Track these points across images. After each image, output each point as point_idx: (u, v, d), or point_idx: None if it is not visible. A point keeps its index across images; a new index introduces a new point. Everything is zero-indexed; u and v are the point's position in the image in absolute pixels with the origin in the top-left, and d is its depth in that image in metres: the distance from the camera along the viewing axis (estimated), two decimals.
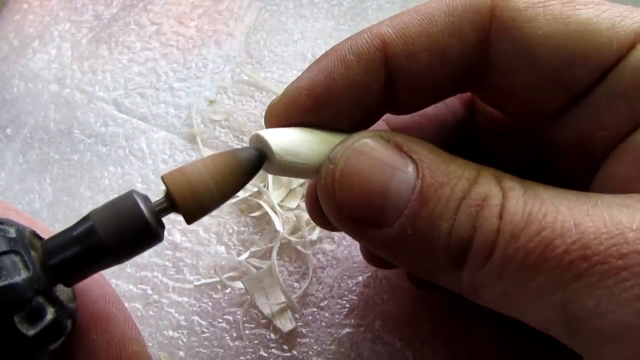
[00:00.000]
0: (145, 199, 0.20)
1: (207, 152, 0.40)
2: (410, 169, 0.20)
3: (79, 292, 0.22)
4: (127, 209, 0.19)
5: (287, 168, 0.22)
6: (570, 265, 0.17)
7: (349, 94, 0.22)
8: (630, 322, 0.17)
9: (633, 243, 0.17)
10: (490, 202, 0.19)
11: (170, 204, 0.20)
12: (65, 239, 0.20)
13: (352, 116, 0.23)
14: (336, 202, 0.21)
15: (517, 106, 0.23)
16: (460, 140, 0.28)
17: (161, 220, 0.20)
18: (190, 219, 0.20)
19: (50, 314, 0.19)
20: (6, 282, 0.18)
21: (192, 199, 0.20)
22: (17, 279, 0.18)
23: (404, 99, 0.23)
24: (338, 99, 0.22)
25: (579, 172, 0.23)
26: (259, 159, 0.21)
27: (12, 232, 0.19)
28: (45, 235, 0.21)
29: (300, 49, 0.45)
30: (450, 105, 0.28)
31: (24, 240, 0.19)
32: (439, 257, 0.20)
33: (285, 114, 0.23)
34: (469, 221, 0.19)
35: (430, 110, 0.27)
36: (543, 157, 0.26)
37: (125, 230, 0.19)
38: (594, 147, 0.22)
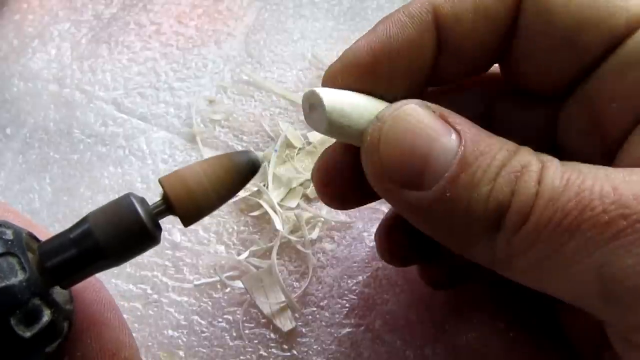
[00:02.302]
0: (143, 201, 0.20)
1: (207, 152, 0.40)
2: (454, 137, 0.20)
3: (74, 295, 0.22)
4: (124, 211, 0.19)
5: (335, 127, 0.22)
6: (609, 224, 0.18)
7: (405, 53, 0.23)
8: None
9: None
10: (530, 169, 0.19)
11: (168, 206, 0.20)
12: (62, 241, 0.20)
13: (402, 82, 0.24)
14: (379, 159, 0.21)
15: (535, 75, 0.24)
16: None
17: (158, 223, 0.20)
18: (187, 221, 0.21)
19: (46, 316, 0.19)
20: (2, 284, 0.18)
21: (189, 202, 0.20)
22: (14, 280, 0.18)
23: (451, 65, 0.24)
24: (395, 57, 0.23)
25: (596, 158, 0.24)
26: (256, 162, 0.22)
27: (9, 234, 0.19)
28: (44, 238, 0.21)
29: (300, 48, 0.45)
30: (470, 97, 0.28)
31: (20, 242, 0.19)
32: (475, 222, 0.20)
33: (344, 72, 0.24)
34: (508, 186, 0.19)
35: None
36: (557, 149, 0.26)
37: (122, 233, 0.19)
38: (609, 125, 0.22)
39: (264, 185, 0.37)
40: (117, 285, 0.34)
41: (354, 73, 0.23)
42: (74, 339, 0.22)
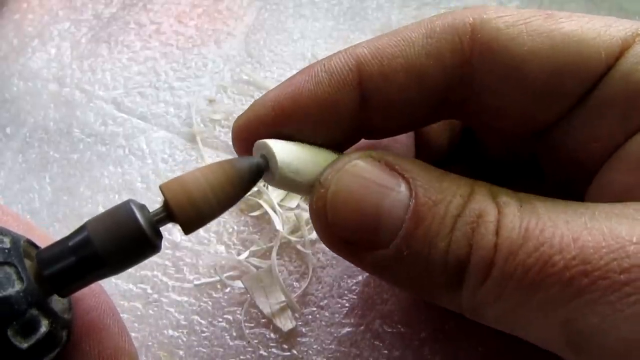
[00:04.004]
0: (143, 208, 0.20)
1: (206, 152, 0.40)
2: (403, 188, 0.20)
3: (73, 301, 0.22)
4: (123, 218, 0.19)
5: (286, 182, 0.21)
6: (571, 281, 0.17)
7: (317, 111, 0.22)
8: (635, 338, 0.16)
9: (634, 257, 0.17)
10: (486, 219, 0.18)
11: (168, 214, 0.20)
12: (61, 249, 0.19)
13: (322, 135, 0.22)
14: (329, 225, 0.20)
15: (508, 125, 0.23)
16: (462, 142, 0.28)
17: (159, 230, 0.20)
18: (188, 229, 0.20)
19: (44, 326, 0.18)
20: None
21: (190, 209, 0.20)
22: (11, 291, 0.18)
23: (380, 122, 0.23)
24: (303, 114, 0.22)
25: (575, 180, 0.23)
26: (259, 169, 0.21)
27: (7, 243, 0.19)
28: (43, 242, 0.20)
29: (299, 48, 0.45)
30: None
31: (18, 251, 0.19)
32: (437, 277, 0.19)
33: (248, 126, 0.23)
34: (465, 239, 0.19)
35: None
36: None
37: (122, 241, 0.19)
38: (588, 158, 0.22)
39: (264, 186, 0.37)
40: (117, 285, 0.34)
41: (259, 127, 0.22)
42: (73, 346, 0.22)
